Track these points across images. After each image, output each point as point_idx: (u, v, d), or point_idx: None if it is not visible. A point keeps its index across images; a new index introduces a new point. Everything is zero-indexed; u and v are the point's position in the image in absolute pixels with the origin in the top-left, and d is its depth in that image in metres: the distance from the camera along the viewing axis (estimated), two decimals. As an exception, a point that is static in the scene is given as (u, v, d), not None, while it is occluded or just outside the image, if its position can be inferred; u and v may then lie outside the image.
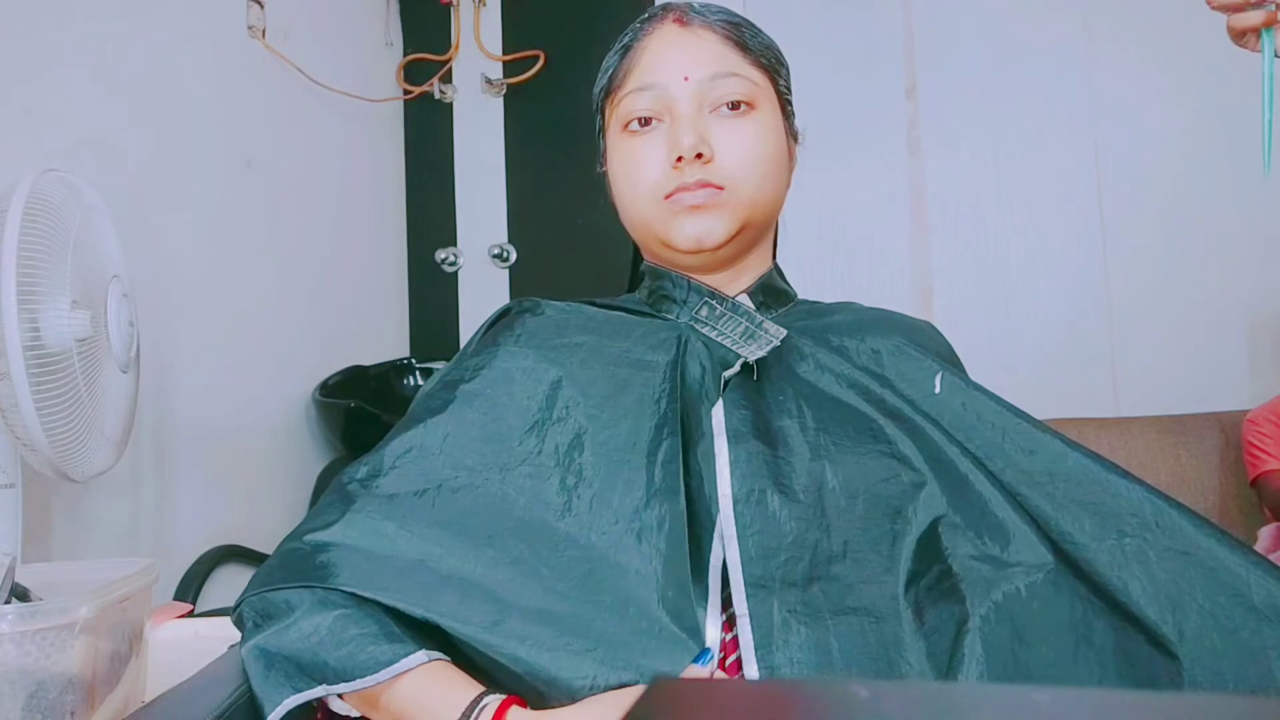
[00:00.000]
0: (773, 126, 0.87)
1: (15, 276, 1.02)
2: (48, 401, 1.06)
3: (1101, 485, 0.71)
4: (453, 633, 0.68)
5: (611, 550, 0.72)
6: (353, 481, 0.79)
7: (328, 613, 0.69)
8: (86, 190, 1.22)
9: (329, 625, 0.69)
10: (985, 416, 0.78)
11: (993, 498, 0.72)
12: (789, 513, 0.73)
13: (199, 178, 1.76)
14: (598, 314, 0.90)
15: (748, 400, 0.79)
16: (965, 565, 0.70)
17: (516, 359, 0.84)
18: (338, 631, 0.68)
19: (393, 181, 2.69)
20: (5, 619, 0.66)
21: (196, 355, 1.71)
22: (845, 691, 0.34)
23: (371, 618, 0.69)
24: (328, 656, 0.67)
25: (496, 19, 2.74)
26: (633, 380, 0.81)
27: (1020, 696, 0.35)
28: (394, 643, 0.67)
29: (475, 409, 0.82)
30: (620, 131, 0.87)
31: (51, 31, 1.40)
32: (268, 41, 1.98)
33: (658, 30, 0.88)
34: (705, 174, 0.82)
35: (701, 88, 0.84)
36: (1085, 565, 0.68)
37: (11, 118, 1.31)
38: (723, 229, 0.83)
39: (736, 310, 0.86)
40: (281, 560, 0.74)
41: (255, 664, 0.70)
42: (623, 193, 0.88)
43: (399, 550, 0.73)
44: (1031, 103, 2.38)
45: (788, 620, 0.68)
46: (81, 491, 1.40)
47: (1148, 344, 2.30)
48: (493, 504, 0.76)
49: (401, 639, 0.68)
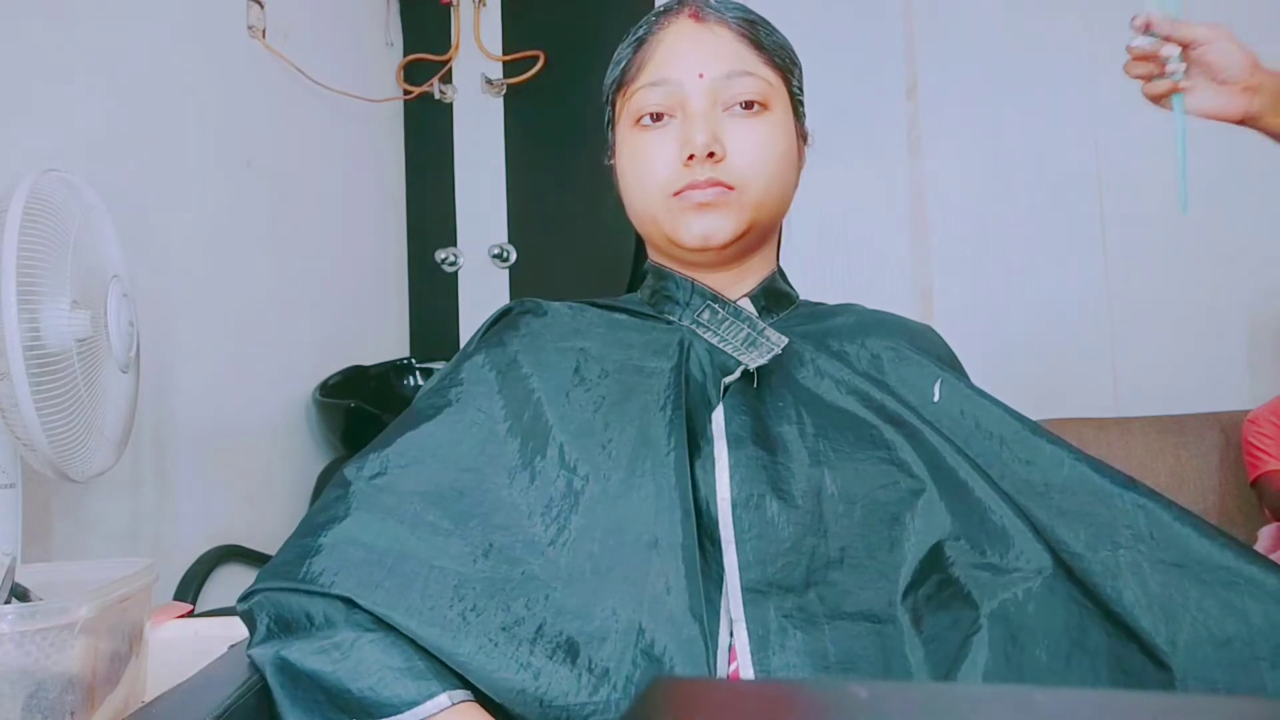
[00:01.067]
0: (784, 127, 0.86)
1: (15, 276, 1.02)
2: (48, 401, 1.06)
3: (1098, 495, 0.71)
4: (463, 672, 0.68)
5: (620, 558, 0.72)
6: (359, 479, 0.78)
7: (352, 634, 0.69)
8: (86, 190, 1.22)
9: (353, 649, 0.68)
10: (984, 424, 0.78)
11: (992, 504, 0.72)
12: (787, 518, 0.73)
13: (199, 178, 1.76)
14: (600, 316, 0.90)
15: (747, 406, 0.79)
16: (964, 572, 0.70)
17: (519, 360, 0.84)
18: (363, 658, 0.68)
19: (393, 181, 2.69)
20: (5, 619, 0.66)
21: (196, 355, 1.71)
22: (845, 692, 0.34)
23: (395, 646, 0.68)
24: (351, 685, 0.67)
25: (496, 19, 2.74)
26: (637, 386, 0.81)
27: (1019, 697, 0.35)
28: (418, 679, 0.67)
29: (479, 410, 0.81)
30: (631, 126, 0.87)
31: (51, 32, 1.40)
32: (267, 41, 1.98)
33: (673, 24, 0.87)
34: (716, 172, 0.82)
35: (716, 85, 0.83)
36: (1081, 573, 0.68)
37: (11, 118, 1.31)
38: (730, 227, 0.83)
39: (738, 316, 0.86)
40: (290, 559, 0.74)
41: (278, 675, 0.70)
42: (631, 187, 0.88)
43: (411, 554, 0.72)
44: (1032, 102, 2.38)
45: (784, 625, 0.68)
46: (81, 491, 1.40)
47: (1148, 344, 2.30)
48: (498, 508, 0.76)
49: (425, 675, 0.67)
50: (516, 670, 0.66)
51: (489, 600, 0.70)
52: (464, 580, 0.71)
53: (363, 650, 0.68)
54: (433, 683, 0.67)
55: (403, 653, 0.68)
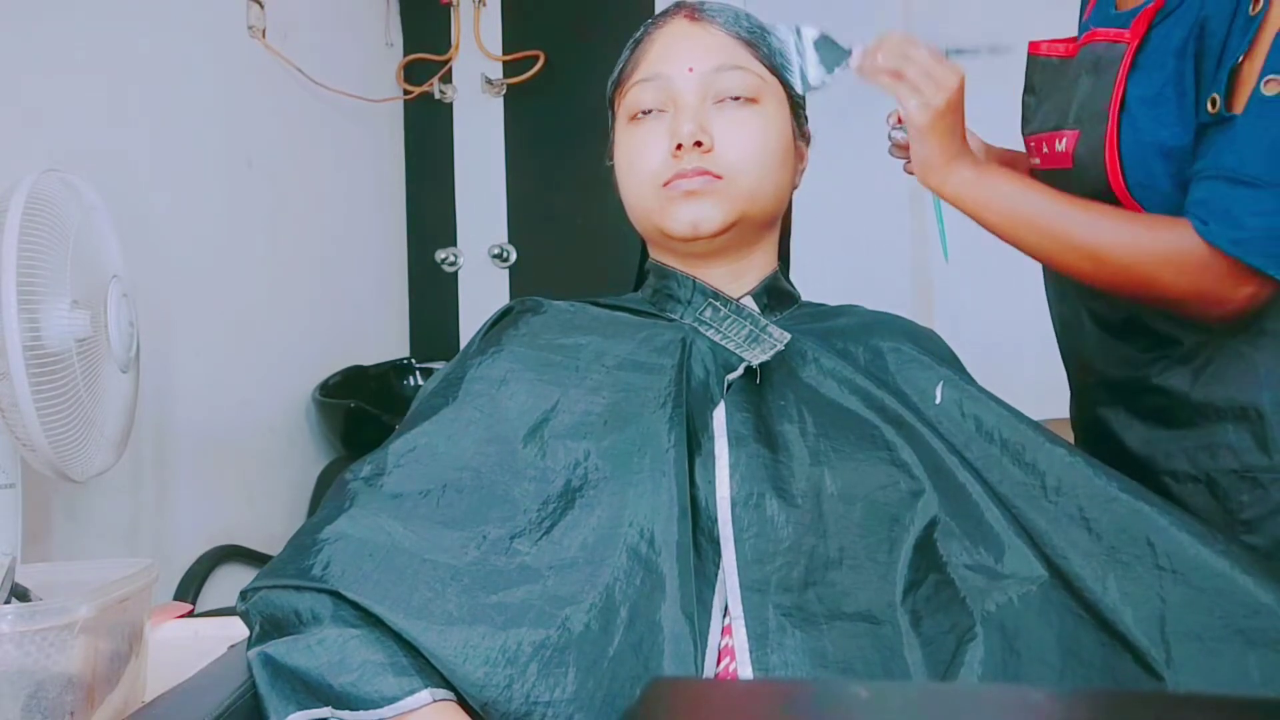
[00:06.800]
0: (777, 122, 0.87)
1: (15, 276, 1.02)
2: (48, 401, 1.06)
3: (1097, 500, 0.71)
4: (450, 678, 0.68)
5: (617, 555, 0.72)
6: (356, 479, 0.79)
7: (336, 631, 0.69)
8: (86, 190, 1.22)
9: (337, 645, 0.68)
10: (985, 425, 0.78)
11: (988, 509, 0.72)
12: (786, 517, 0.73)
13: (199, 178, 1.76)
14: (602, 314, 0.90)
15: (749, 403, 0.79)
16: (961, 575, 0.70)
17: (520, 359, 0.84)
18: (346, 654, 0.68)
19: (393, 181, 2.69)
20: (5, 619, 0.66)
21: (196, 355, 1.71)
22: (845, 692, 0.34)
23: (380, 643, 0.68)
24: (333, 680, 0.67)
25: (496, 19, 2.74)
26: (638, 384, 0.81)
27: (1019, 697, 0.35)
28: (400, 675, 0.67)
29: (479, 409, 0.81)
30: (626, 122, 0.88)
31: (52, 31, 1.40)
32: (268, 41, 1.98)
33: (668, 25, 0.89)
34: (704, 162, 0.82)
35: (705, 79, 0.84)
36: (1077, 581, 0.68)
37: (11, 118, 1.31)
38: (719, 216, 0.83)
39: (740, 313, 0.86)
40: (286, 557, 0.75)
41: (262, 671, 0.70)
42: (624, 180, 0.89)
43: (403, 548, 0.73)
44: (1032, 102, 2.38)
45: (783, 624, 0.68)
46: (81, 491, 1.40)
47: (1148, 344, 2.30)
48: (494, 504, 0.76)
49: (408, 671, 0.67)
50: (502, 669, 0.67)
51: (481, 594, 0.70)
52: (456, 574, 0.71)
53: (346, 646, 0.68)
54: (415, 679, 0.67)
55: (386, 649, 0.68)
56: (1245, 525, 0.92)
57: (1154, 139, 0.91)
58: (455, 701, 0.68)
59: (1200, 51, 0.88)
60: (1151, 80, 0.92)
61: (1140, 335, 1.00)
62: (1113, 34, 0.98)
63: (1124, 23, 0.98)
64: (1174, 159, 0.91)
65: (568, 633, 0.68)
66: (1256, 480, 0.91)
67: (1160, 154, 0.92)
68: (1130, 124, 0.93)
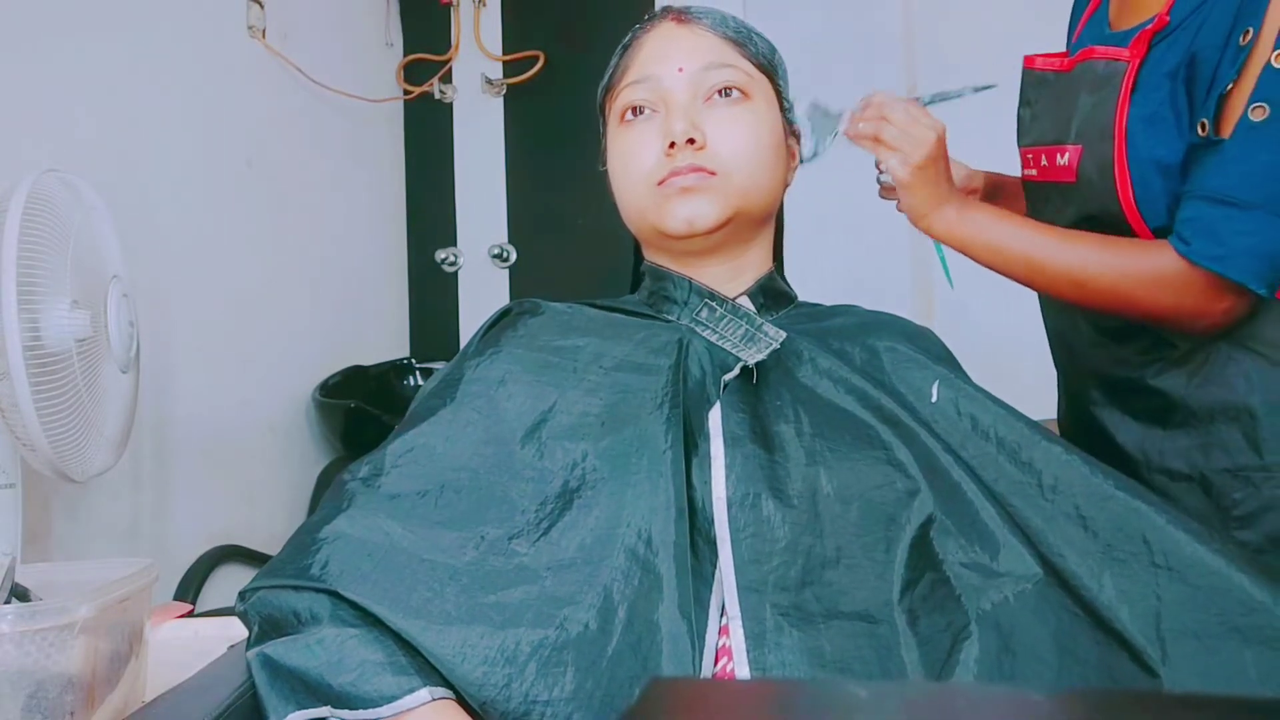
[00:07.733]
0: (768, 118, 0.87)
1: (15, 276, 1.02)
2: (48, 401, 1.06)
3: (1093, 498, 0.72)
4: (449, 677, 0.68)
5: (615, 556, 0.72)
6: (354, 480, 0.79)
7: (334, 630, 0.69)
8: (86, 190, 1.22)
9: (336, 645, 0.68)
10: (981, 424, 0.78)
11: (983, 507, 0.72)
12: (782, 517, 0.73)
13: (199, 178, 1.76)
14: (599, 316, 0.90)
15: (745, 404, 0.79)
16: (957, 573, 0.70)
17: (518, 360, 0.84)
18: (345, 654, 0.68)
19: (393, 181, 2.69)
20: (5, 619, 0.66)
21: (196, 355, 1.71)
22: (843, 691, 0.34)
23: (378, 642, 0.69)
24: (332, 680, 0.67)
25: (496, 19, 2.74)
26: (635, 385, 0.81)
27: (1018, 696, 0.35)
28: (399, 674, 0.67)
29: (477, 410, 0.82)
30: (618, 125, 0.89)
31: (52, 32, 1.40)
32: (268, 41, 1.98)
33: (657, 28, 0.90)
34: (697, 159, 0.83)
35: (695, 77, 0.85)
36: (1073, 579, 0.68)
37: (12, 118, 1.31)
38: (714, 212, 0.83)
39: (736, 313, 0.86)
40: (285, 557, 0.75)
41: (261, 671, 0.70)
42: (618, 181, 0.89)
43: (401, 548, 0.73)
44: (1031, 103, 2.38)
45: (780, 623, 0.68)
46: (81, 491, 1.40)
47: (1147, 344, 2.30)
48: (492, 504, 0.76)
49: (407, 670, 0.67)
50: (500, 668, 0.67)
51: (480, 594, 0.70)
52: (454, 573, 0.71)
53: (345, 646, 0.68)
54: (414, 678, 0.67)
55: (385, 648, 0.68)
56: (1238, 521, 0.94)
57: (1151, 156, 0.94)
58: (454, 700, 0.68)
59: (1192, 77, 0.92)
60: (1149, 100, 0.95)
61: (1137, 339, 1.02)
62: (1112, 52, 0.99)
63: (1120, 41, 0.99)
64: (1171, 176, 0.94)
65: (566, 632, 0.68)
66: (1248, 479, 0.94)
67: (1159, 171, 0.94)
68: (1130, 142, 0.95)
